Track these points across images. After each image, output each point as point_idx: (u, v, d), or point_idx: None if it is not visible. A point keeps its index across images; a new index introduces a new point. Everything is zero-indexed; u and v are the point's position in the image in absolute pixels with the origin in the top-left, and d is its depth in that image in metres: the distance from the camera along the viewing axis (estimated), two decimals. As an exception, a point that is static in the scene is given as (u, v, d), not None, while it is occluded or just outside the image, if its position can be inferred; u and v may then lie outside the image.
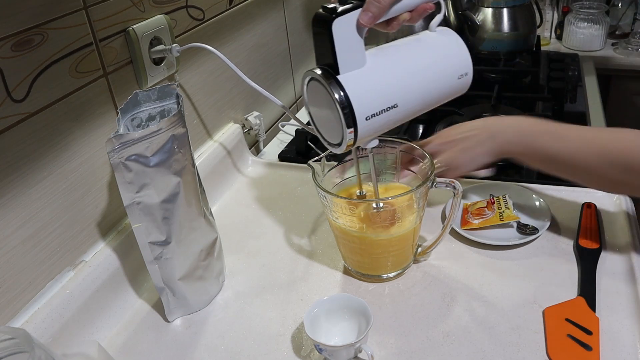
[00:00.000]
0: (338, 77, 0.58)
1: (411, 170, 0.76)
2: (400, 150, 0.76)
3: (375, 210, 0.70)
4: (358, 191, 0.73)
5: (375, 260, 0.73)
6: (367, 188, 0.74)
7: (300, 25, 1.32)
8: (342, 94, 0.58)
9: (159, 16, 0.81)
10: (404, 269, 0.76)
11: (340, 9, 0.57)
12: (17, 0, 0.59)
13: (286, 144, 1.14)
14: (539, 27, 1.48)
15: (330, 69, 0.59)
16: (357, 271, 0.76)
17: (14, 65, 0.60)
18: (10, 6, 0.59)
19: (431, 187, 0.69)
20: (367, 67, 0.60)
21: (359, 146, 0.65)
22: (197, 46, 0.87)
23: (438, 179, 0.69)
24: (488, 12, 1.35)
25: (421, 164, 0.74)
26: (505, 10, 1.34)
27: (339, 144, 0.62)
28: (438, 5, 0.64)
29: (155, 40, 0.80)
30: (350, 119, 0.58)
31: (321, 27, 0.57)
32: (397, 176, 0.78)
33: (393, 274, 0.75)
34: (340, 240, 0.75)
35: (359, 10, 0.58)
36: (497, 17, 1.35)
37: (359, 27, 0.58)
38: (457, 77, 0.65)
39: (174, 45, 0.82)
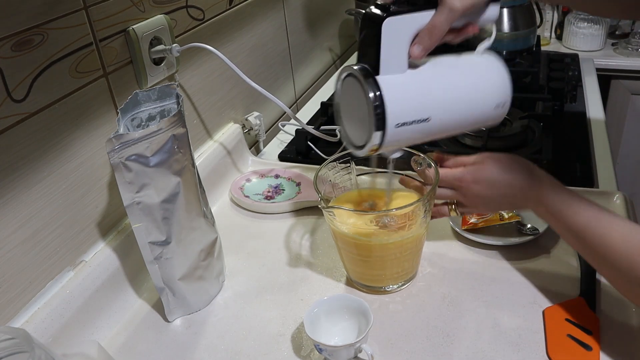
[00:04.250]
0: (377, 77, 0.57)
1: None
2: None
3: (385, 222, 0.69)
4: (367, 203, 0.73)
5: (379, 270, 0.71)
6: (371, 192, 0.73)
7: (300, 25, 1.32)
8: (377, 93, 0.56)
9: (159, 16, 0.81)
10: (408, 280, 0.74)
11: (393, 8, 0.56)
12: (17, 0, 0.59)
13: (286, 144, 1.14)
14: (539, 27, 1.48)
15: (370, 69, 0.58)
16: (361, 283, 0.74)
17: (14, 65, 0.60)
18: (10, 6, 0.59)
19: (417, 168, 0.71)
20: (407, 74, 0.59)
21: (381, 154, 0.63)
22: (197, 46, 0.87)
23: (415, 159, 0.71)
24: (488, 12, 1.35)
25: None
26: (505, 10, 1.34)
27: (362, 146, 0.60)
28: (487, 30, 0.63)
29: (155, 40, 0.80)
30: (381, 122, 0.56)
31: (371, 23, 0.56)
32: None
33: (396, 285, 0.73)
34: (342, 251, 0.73)
35: (413, 14, 0.57)
36: (497, 17, 1.34)
37: (407, 35, 0.57)
38: (494, 107, 0.63)
39: (174, 45, 0.82)
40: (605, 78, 1.60)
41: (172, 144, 0.64)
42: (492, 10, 0.62)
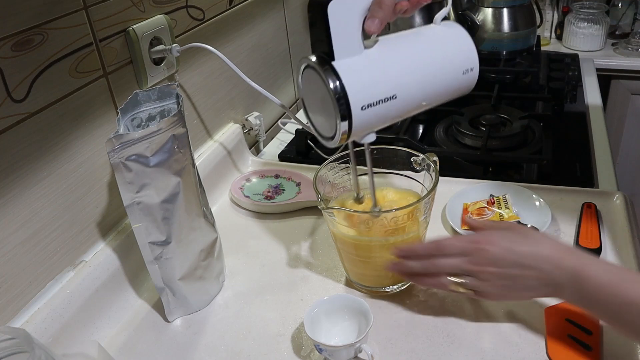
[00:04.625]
0: (333, 63, 0.55)
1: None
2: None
3: (376, 214, 0.67)
4: (355, 194, 0.71)
5: (379, 271, 0.71)
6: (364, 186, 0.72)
7: (300, 25, 1.32)
8: (336, 80, 0.54)
9: (159, 16, 0.81)
10: (408, 281, 0.74)
11: None
12: (17, 0, 0.59)
13: (286, 144, 1.14)
14: (539, 27, 1.48)
15: (326, 56, 0.56)
16: (360, 284, 0.74)
17: (14, 65, 0.60)
18: (10, 6, 0.59)
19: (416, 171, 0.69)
20: (364, 54, 0.56)
21: (355, 141, 0.61)
22: (197, 46, 0.87)
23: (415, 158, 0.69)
24: (488, 12, 1.35)
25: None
26: (505, 10, 1.34)
27: (332, 137, 0.58)
28: None
29: (155, 40, 0.80)
30: (345, 108, 0.54)
31: (318, 8, 0.55)
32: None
33: (396, 286, 0.73)
34: (342, 252, 0.73)
35: None
36: (497, 17, 1.35)
37: (356, 14, 0.55)
38: (462, 72, 0.61)
39: (174, 45, 0.82)
40: (605, 78, 1.60)
41: (172, 144, 0.64)
42: None
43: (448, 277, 0.63)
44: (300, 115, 1.24)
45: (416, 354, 0.64)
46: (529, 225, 0.80)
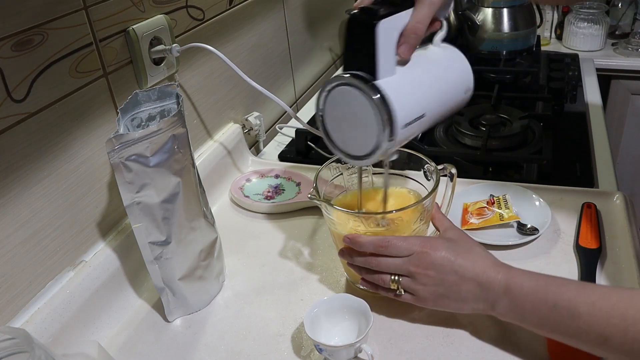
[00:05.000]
0: (375, 82, 0.56)
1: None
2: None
3: (381, 227, 0.68)
4: (358, 210, 0.72)
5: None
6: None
7: (300, 25, 1.32)
8: (384, 98, 0.56)
9: (159, 16, 0.81)
10: None
11: (382, 11, 0.56)
12: (17, 0, 0.59)
13: (286, 144, 1.14)
14: (539, 27, 1.48)
15: (363, 75, 0.57)
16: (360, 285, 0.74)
17: (14, 65, 0.60)
18: (10, 6, 0.59)
19: (428, 179, 0.69)
20: (398, 75, 0.59)
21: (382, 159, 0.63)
22: (197, 46, 0.87)
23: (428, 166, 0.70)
24: (488, 12, 1.35)
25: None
26: (505, 10, 1.34)
27: (368, 154, 0.59)
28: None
29: (155, 40, 0.80)
30: (390, 125, 0.56)
31: (363, 28, 0.55)
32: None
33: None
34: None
35: (399, 14, 0.57)
36: (497, 17, 1.35)
37: (396, 36, 0.58)
38: (464, 92, 0.66)
39: (174, 45, 0.82)
40: (605, 78, 1.60)
41: (172, 144, 0.64)
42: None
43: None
44: (300, 115, 1.24)
45: (416, 354, 0.64)
46: (528, 226, 0.80)
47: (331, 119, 0.62)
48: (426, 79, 0.62)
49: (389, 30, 0.56)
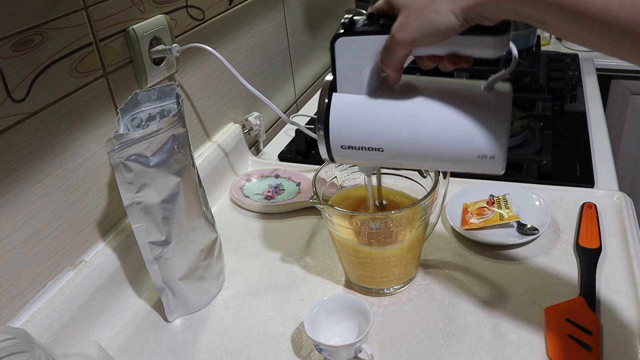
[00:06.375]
0: (334, 93, 0.56)
1: None
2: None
3: (373, 230, 0.67)
4: (377, 202, 0.70)
5: (378, 273, 0.71)
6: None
7: (300, 26, 1.32)
8: (324, 109, 0.56)
9: (159, 16, 0.81)
10: (408, 282, 0.74)
11: (358, 27, 0.53)
12: (17, 0, 0.59)
13: (286, 144, 1.14)
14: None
15: (333, 84, 0.57)
16: (360, 285, 0.74)
17: (14, 65, 0.60)
18: (10, 6, 0.59)
19: (423, 176, 0.69)
20: (364, 97, 0.56)
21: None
22: (197, 46, 0.87)
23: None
24: (488, 12, 1.35)
25: None
26: (505, 10, 1.34)
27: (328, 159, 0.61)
28: (502, 60, 0.55)
29: (155, 40, 0.80)
30: (324, 139, 0.57)
31: (331, 39, 0.54)
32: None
33: (397, 287, 0.73)
34: (342, 254, 0.73)
35: (366, 37, 0.53)
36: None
37: (365, 57, 0.53)
38: (477, 156, 0.53)
39: (174, 45, 0.82)
40: (605, 78, 1.60)
41: (172, 144, 0.64)
42: (492, 43, 0.51)
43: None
44: (301, 115, 1.24)
45: (416, 354, 0.64)
46: (528, 226, 0.80)
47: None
48: (407, 117, 0.54)
49: (353, 48, 0.54)
